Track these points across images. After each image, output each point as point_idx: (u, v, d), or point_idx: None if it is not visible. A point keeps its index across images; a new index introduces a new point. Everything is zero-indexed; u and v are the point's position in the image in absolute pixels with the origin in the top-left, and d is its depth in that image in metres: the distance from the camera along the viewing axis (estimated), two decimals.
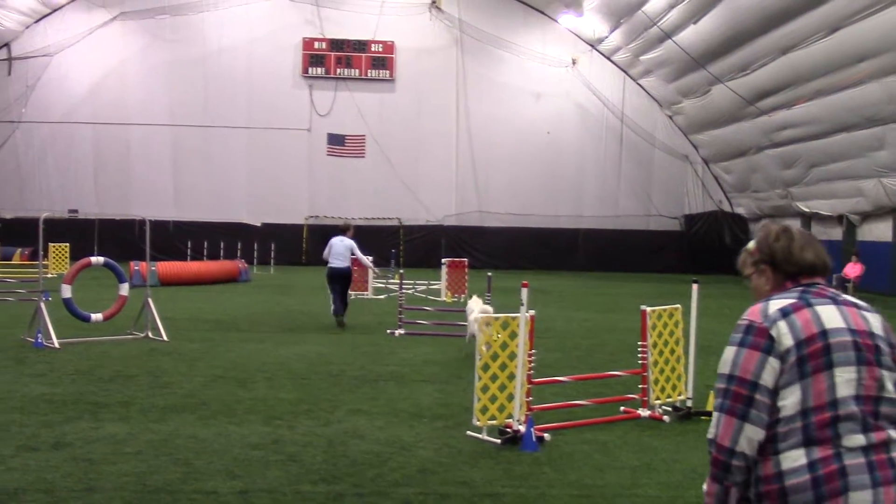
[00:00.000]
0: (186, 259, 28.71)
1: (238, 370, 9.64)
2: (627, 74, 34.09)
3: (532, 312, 6.89)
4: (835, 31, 21.06)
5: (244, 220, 33.34)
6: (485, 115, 34.20)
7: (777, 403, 2.34)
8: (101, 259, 12.23)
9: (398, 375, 9.61)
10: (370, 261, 16.07)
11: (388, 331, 13.33)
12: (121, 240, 29.58)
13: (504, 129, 34.14)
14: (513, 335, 6.90)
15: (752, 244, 2.67)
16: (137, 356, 10.47)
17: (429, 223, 33.97)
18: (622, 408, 7.91)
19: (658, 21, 27.00)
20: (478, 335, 7.36)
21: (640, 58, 31.55)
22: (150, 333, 12.00)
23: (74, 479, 5.49)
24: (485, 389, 6.77)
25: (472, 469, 5.98)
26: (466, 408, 7.36)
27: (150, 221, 14.29)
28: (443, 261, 20.72)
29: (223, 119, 33.47)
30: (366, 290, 19.96)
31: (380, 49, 33.98)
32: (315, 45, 33.91)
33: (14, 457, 5.95)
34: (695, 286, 7.93)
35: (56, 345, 10.92)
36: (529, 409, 6.85)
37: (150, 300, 12.19)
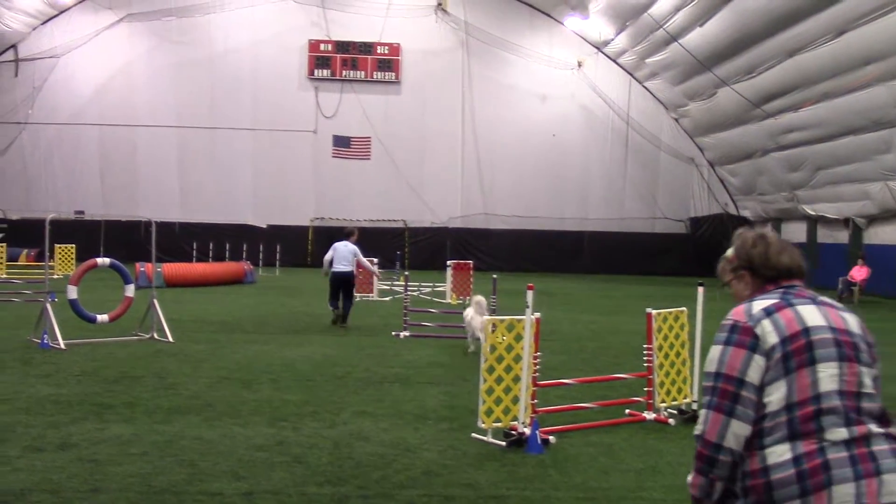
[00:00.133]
0: (192, 260, 28.82)
1: (243, 371, 9.65)
2: (633, 77, 34.05)
3: (537, 315, 6.89)
4: (842, 34, 21.04)
5: (250, 222, 33.37)
6: (490, 118, 34.21)
7: (763, 399, 2.41)
8: (107, 260, 12.26)
9: (403, 377, 9.61)
10: (374, 265, 16.15)
11: (393, 333, 13.32)
12: (127, 241, 29.59)
13: (509, 132, 34.13)
14: (518, 337, 6.89)
15: (731, 252, 2.76)
16: (143, 357, 10.48)
17: (434, 225, 33.96)
18: (627, 410, 7.89)
19: (664, 24, 26.98)
20: (481, 336, 7.35)
21: (646, 60, 31.52)
22: (156, 335, 12.01)
23: (80, 480, 5.50)
24: (490, 392, 6.77)
25: (477, 471, 5.97)
26: (471, 410, 7.35)
27: (156, 223, 14.31)
28: (448, 263, 20.70)
29: (229, 121, 33.56)
30: (371, 292, 19.98)
31: (385, 51, 34.03)
32: (321, 47, 33.98)
33: (20, 457, 5.96)
34: (700, 289, 7.91)
35: (62, 346, 10.93)
36: (534, 412, 6.84)
37: (156, 301, 12.21)
